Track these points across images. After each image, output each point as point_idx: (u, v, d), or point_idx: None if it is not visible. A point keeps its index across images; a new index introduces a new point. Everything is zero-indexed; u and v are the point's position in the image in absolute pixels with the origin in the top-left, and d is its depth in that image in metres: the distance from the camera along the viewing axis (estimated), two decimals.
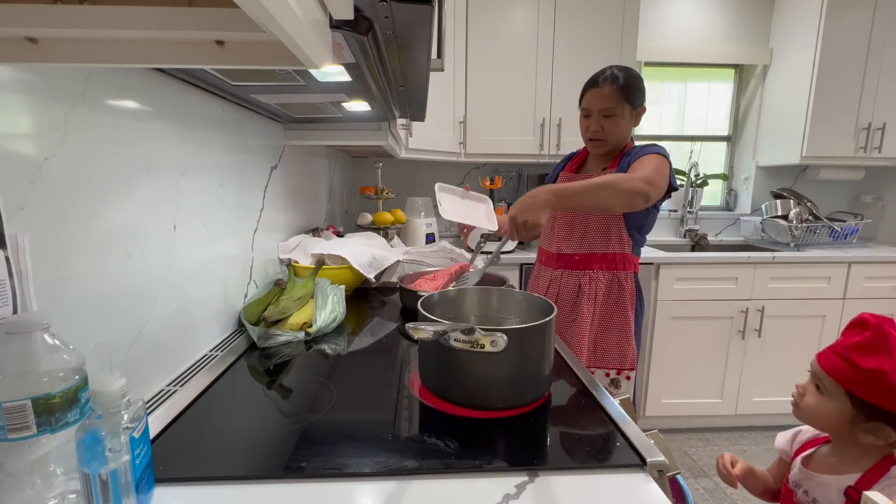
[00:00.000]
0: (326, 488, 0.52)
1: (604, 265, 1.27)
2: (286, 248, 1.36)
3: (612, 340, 1.29)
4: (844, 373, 0.71)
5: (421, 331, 0.64)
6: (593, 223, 1.26)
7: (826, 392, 0.74)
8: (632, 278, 1.29)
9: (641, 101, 1.25)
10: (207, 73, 0.75)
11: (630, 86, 1.21)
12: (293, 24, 0.35)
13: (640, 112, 1.26)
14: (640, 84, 1.24)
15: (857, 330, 0.72)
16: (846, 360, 0.71)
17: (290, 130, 1.37)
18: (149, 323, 0.73)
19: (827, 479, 0.75)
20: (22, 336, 0.42)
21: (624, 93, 1.21)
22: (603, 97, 1.22)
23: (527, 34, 2.24)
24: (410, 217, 2.23)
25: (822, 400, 0.75)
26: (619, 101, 1.21)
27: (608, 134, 1.24)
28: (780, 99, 2.57)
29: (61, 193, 0.56)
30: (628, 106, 1.22)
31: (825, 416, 0.75)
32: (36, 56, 0.45)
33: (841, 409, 0.72)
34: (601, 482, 0.54)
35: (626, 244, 1.26)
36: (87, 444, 0.41)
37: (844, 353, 0.72)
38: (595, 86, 1.24)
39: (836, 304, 2.22)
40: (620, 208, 1.13)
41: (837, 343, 0.75)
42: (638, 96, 1.23)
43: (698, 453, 2.12)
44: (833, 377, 0.73)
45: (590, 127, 1.26)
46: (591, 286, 1.27)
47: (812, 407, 0.76)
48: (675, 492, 0.85)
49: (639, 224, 1.26)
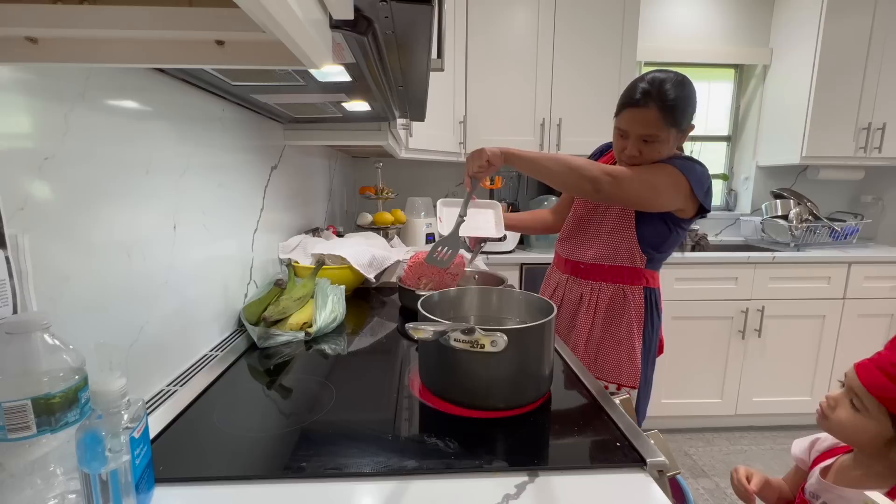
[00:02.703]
0: (326, 488, 0.52)
1: (609, 277, 1.19)
2: (286, 248, 1.36)
3: (611, 353, 1.21)
4: (891, 393, 0.65)
5: (421, 331, 0.64)
6: (604, 234, 1.18)
7: (863, 410, 0.68)
8: (641, 293, 1.18)
9: (690, 120, 1.05)
10: (207, 73, 0.75)
11: (679, 107, 1.01)
12: (293, 24, 0.35)
13: (688, 131, 1.07)
14: (692, 100, 1.03)
15: None
16: (893, 379, 0.64)
17: (290, 130, 1.37)
18: (149, 323, 0.73)
19: (849, 492, 0.70)
20: (22, 336, 0.42)
21: (672, 116, 1.01)
22: (645, 122, 1.02)
23: (527, 34, 2.24)
24: (410, 217, 2.23)
25: (858, 417, 0.68)
26: (664, 126, 1.01)
27: (646, 159, 1.07)
28: (780, 99, 2.57)
29: (61, 193, 0.56)
30: (674, 130, 1.03)
31: (859, 434, 0.69)
32: (36, 56, 0.45)
33: (880, 430, 0.66)
34: (601, 482, 0.54)
35: (639, 259, 1.16)
36: (87, 444, 0.41)
37: (892, 371, 0.65)
38: (635, 105, 1.03)
39: (836, 304, 2.22)
40: (566, 187, 1.07)
41: (883, 358, 0.68)
42: (687, 116, 1.03)
43: (698, 453, 2.12)
44: (875, 396, 0.66)
45: (625, 149, 1.08)
46: (591, 297, 1.21)
47: (844, 423, 0.70)
48: (675, 492, 0.85)
49: (654, 242, 1.14)
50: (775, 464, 2.04)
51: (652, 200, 1.05)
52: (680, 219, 1.11)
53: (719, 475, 1.96)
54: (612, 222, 1.17)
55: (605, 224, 1.18)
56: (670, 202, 1.05)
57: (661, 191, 1.04)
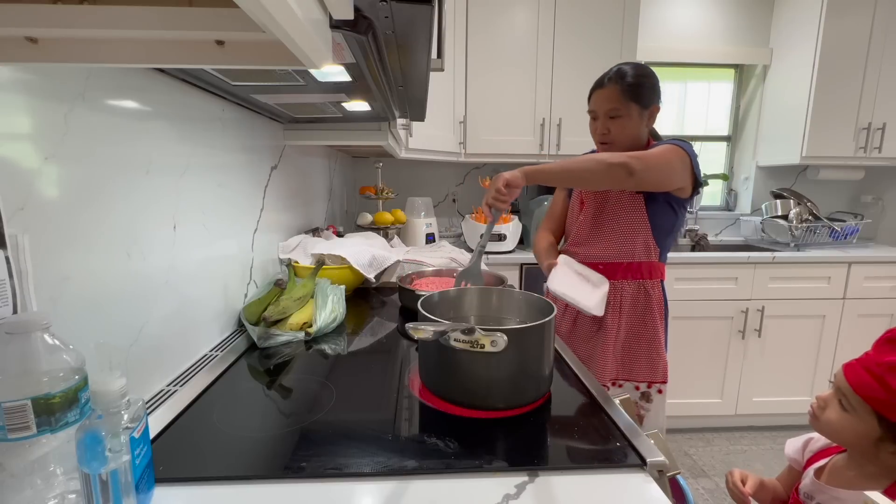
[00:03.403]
0: (326, 488, 0.52)
1: (629, 275, 1.21)
2: (286, 248, 1.36)
3: (641, 352, 1.22)
4: (876, 393, 0.65)
5: (421, 331, 0.64)
6: (619, 231, 1.20)
7: (851, 409, 0.69)
8: (659, 287, 1.23)
9: (654, 100, 1.18)
10: (207, 73, 0.75)
11: (638, 83, 1.15)
12: (293, 24, 0.35)
13: (654, 111, 1.19)
14: (651, 81, 1.17)
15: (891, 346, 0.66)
16: (878, 379, 0.65)
17: (290, 130, 1.37)
18: (149, 323, 0.73)
19: (843, 493, 0.71)
20: (22, 336, 0.42)
21: (630, 92, 1.15)
22: (608, 98, 1.17)
23: (527, 34, 2.24)
24: (410, 217, 2.23)
25: (846, 417, 0.69)
26: (624, 101, 1.15)
27: (615, 136, 1.18)
28: (780, 99, 2.57)
29: (61, 193, 0.56)
30: (636, 105, 1.16)
31: (847, 434, 0.70)
32: (36, 56, 0.45)
33: (867, 430, 0.67)
34: (601, 482, 0.54)
35: (653, 252, 1.21)
36: (87, 444, 0.41)
37: (878, 371, 0.66)
38: (600, 86, 1.19)
39: (836, 304, 2.22)
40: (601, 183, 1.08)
41: (869, 358, 0.69)
42: (647, 94, 1.16)
43: (698, 453, 2.12)
44: (861, 395, 0.67)
45: (597, 129, 1.22)
46: (616, 297, 1.21)
47: (833, 423, 0.71)
48: (675, 492, 0.85)
49: (665, 228, 1.20)
50: (775, 464, 2.04)
51: (670, 176, 1.10)
52: (681, 199, 1.17)
53: (719, 475, 1.96)
54: (627, 215, 1.20)
55: (620, 218, 1.21)
56: (681, 177, 1.12)
57: (675, 166, 1.10)
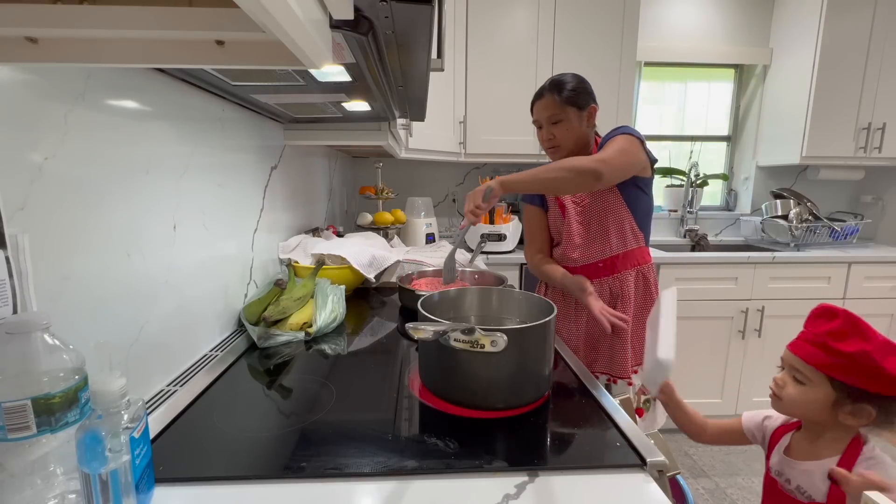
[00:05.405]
0: (326, 488, 0.52)
1: (628, 264, 1.27)
2: (286, 248, 1.36)
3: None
4: (823, 359, 0.72)
5: (421, 331, 0.64)
6: (610, 226, 1.26)
7: (806, 381, 0.75)
8: (653, 270, 1.32)
9: (589, 102, 1.27)
10: (207, 73, 0.75)
11: (573, 89, 1.24)
12: (293, 24, 0.35)
13: (592, 111, 1.28)
14: (582, 86, 1.26)
15: (824, 319, 0.74)
16: (823, 346, 0.72)
17: (290, 130, 1.37)
18: (149, 323, 0.73)
19: (809, 465, 0.75)
20: (22, 336, 0.42)
21: (565, 98, 1.24)
22: (546, 106, 1.26)
23: (527, 34, 2.24)
24: (410, 217, 2.23)
25: (804, 389, 0.75)
26: (560, 106, 1.24)
27: (561, 139, 1.27)
28: (780, 99, 2.56)
29: (61, 193, 0.56)
30: (572, 109, 1.24)
31: (809, 405, 0.75)
32: (36, 56, 0.45)
33: (825, 396, 0.73)
34: (601, 482, 0.54)
35: (640, 237, 1.29)
36: (87, 444, 0.41)
37: (819, 340, 0.73)
38: (540, 97, 1.28)
39: (837, 304, 2.21)
40: (571, 189, 1.13)
41: (807, 332, 0.76)
42: (580, 97, 1.25)
43: (698, 453, 2.12)
44: (812, 364, 0.74)
45: (543, 136, 1.31)
46: (623, 289, 1.26)
47: (794, 397, 0.76)
48: (675, 492, 0.86)
49: (643, 209, 1.28)
50: None
51: (633, 162, 1.17)
52: (646, 179, 1.26)
53: (719, 475, 1.96)
54: (610, 208, 1.26)
55: (605, 213, 1.27)
56: (640, 159, 1.19)
57: (632, 151, 1.17)
